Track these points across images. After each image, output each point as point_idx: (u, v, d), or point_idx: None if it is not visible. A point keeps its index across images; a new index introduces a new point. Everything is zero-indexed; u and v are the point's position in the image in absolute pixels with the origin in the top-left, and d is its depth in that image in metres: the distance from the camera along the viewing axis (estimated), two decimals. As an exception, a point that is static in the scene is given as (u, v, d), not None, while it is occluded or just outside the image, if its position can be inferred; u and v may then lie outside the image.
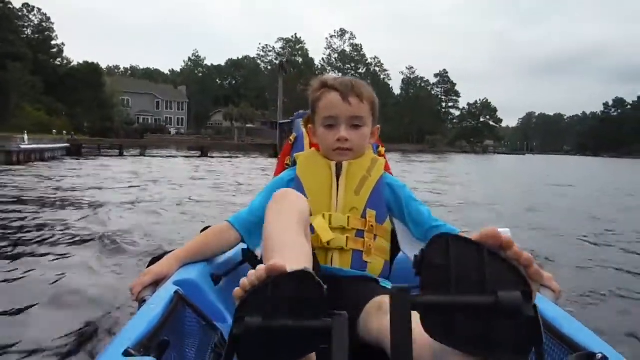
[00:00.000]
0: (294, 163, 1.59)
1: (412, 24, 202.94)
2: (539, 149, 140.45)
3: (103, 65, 59.29)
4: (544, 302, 1.07)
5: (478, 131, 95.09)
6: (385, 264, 1.44)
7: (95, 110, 46.93)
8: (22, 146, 14.48)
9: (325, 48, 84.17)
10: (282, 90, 28.30)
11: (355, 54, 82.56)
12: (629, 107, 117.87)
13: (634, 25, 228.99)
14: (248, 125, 59.21)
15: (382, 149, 1.81)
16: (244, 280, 0.82)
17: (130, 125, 52.67)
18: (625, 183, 16.54)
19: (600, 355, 0.82)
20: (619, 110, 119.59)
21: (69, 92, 45.75)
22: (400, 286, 0.68)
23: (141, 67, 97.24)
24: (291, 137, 1.94)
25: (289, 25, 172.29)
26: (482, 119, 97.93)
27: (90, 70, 49.98)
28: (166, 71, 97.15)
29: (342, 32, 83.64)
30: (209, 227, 1.54)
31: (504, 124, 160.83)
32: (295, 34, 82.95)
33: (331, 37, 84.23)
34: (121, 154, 21.17)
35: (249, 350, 0.78)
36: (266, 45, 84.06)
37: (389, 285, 1.33)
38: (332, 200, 1.44)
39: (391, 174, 1.63)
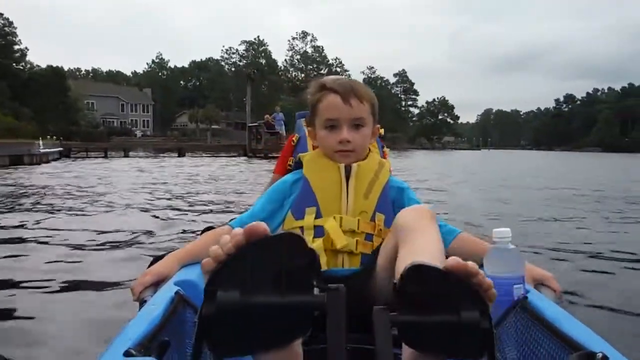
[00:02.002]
0: (297, 164, 1.57)
1: (371, 23, 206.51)
2: (498, 144, 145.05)
3: (64, 68, 59.44)
4: (544, 302, 1.13)
5: (436, 128, 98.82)
6: None
7: (61, 114, 47.54)
8: (41, 150, 17.76)
9: (288, 50, 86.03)
10: (250, 98, 29.98)
11: (317, 55, 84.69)
12: (578, 102, 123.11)
13: (584, 23, 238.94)
14: (213, 127, 60.44)
15: (386, 150, 1.84)
16: (215, 248, 0.70)
17: (95, 128, 53.23)
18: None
19: (600, 355, 0.82)
20: (570, 106, 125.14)
21: (34, 96, 46.23)
22: (381, 307, 0.76)
23: (103, 69, 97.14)
24: (293, 138, 1.94)
25: (251, 26, 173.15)
26: (440, 117, 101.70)
27: (54, 74, 50.51)
28: (128, 73, 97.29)
29: (304, 35, 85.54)
30: (210, 227, 1.56)
31: (464, 120, 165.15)
32: (258, 36, 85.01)
33: (293, 39, 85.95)
34: (106, 156, 23.44)
35: (223, 334, 0.68)
36: (230, 47, 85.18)
37: None
38: (342, 203, 1.43)
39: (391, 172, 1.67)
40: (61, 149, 21.31)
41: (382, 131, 1.71)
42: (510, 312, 1.11)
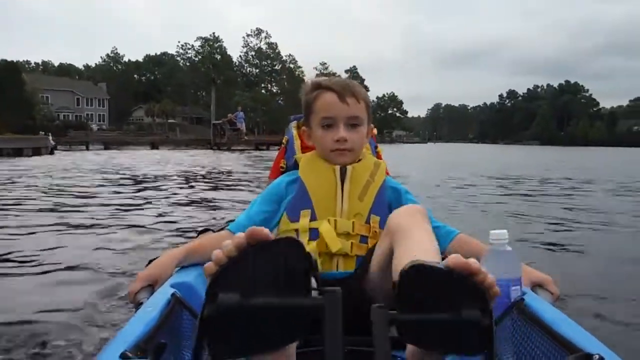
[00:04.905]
0: (293, 166, 1.59)
1: (323, 19, 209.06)
2: (447, 137, 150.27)
3: (14, 61, 58.88)
4: (541, 304, 1.12)
5: (386, 122, 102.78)
6: None
7: (17, 108, 47.81)
8: (52, 143, 22.03)
9: (242, 46, 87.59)
10: (214, 99, 31.69)
11: (271, 51, 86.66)
12: (520, 98, 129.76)
13: (526, 23, 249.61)
14: (170, 121, 61.52)
15: (380, 150, 1.83)
16: (217, 252, 0.72)
17: (51, 122, 53.33)
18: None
19: (597, 357, 0.82)
20: (512, 102, 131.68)
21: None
22: (379, 305, 0.75)
23: (54, 62, 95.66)
24: (284, 140, 1.94)
25: (205, 20, 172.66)
26: (389, 111, 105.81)
27: (9, 68, 50.56)
28: (80, 66, 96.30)
29: (258, 31, 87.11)
30: (206, 229, 1.57)
31: (415, 114, 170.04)
32: (214, 32, 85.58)
33: (248, 35, 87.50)
34: (87, 149, 26.72)
35: (223, 335, 0.70)
36: (185, 43, 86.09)
37: None
38: (336, 205, 1.42)
39: (388, 174, 1.66)
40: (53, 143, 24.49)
41: (375, 131, 1.73)
42: (506, 314, 1.13)
